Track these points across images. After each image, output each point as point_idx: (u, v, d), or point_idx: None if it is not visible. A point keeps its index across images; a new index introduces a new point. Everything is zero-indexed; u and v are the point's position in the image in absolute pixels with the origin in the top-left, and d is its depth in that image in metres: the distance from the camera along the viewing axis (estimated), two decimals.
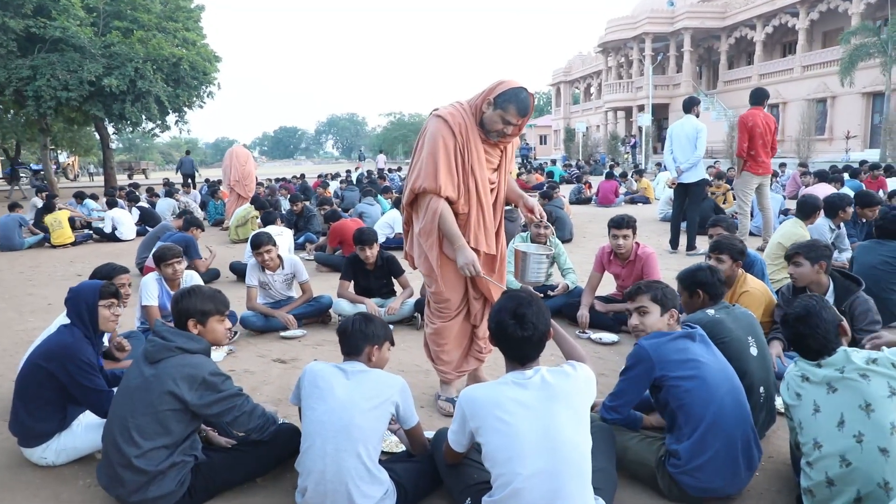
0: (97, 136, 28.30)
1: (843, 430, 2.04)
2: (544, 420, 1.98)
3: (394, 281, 5.39)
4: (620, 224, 4.76)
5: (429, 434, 2.93)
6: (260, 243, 5.04)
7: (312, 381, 2.43)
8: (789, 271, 3.61)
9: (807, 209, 5.36)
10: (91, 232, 11.46)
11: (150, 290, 4.53)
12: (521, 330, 2.10)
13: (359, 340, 2.49)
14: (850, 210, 5.75)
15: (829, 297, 3.54)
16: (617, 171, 19.07)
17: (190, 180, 22.71)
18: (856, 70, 21.81)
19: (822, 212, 5.57)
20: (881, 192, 10.38)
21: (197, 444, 2.59)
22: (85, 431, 2.92)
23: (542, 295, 5.17)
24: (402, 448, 2.87)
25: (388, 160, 41.84)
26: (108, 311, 3.05)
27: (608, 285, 5.37)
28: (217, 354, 4.45)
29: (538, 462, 1.95)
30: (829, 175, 10.25)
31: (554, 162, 26.95)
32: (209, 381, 2.44)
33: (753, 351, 2.80)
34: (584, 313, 4.85)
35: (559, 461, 1.96)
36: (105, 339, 3.79)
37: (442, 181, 3.03)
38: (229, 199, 12.26)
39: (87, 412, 2.97)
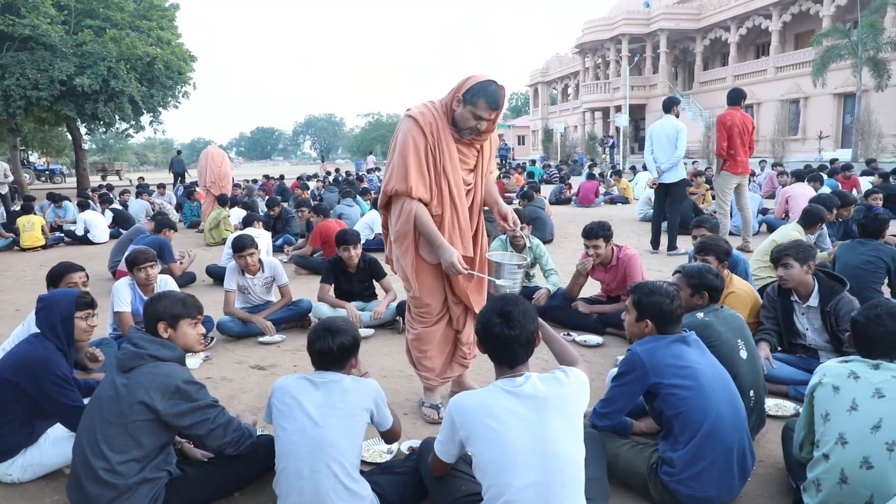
0: (69, 137, 27.68)
1: (876, 434, 2.02)
2: (536, 430, 1.92)
3: (375, 284, 5.29)
4: (590, 235, 4.68)
5: (414, 443, 2.86)
6: (243, 246, 4.91)
7: (281, 399, 2.33)
8: (779, 273, 3.57)
9: (810, 219, 5.29)
10: (63, 235, 11.16)
11: (122, 296, 4.38)
12: (507, 328, 2.03)
13: (343, 357, 2.39)
14: (835, 212, 5.84)
15: (814, 298, 3.53)
16: (595, 172, 19.16)
17: (180, 179, 22.77)
18: (827, 71, 22.18)
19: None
20: (854, 192, 10.56)
21: (171, 458, 2.48)
22: (52, 446, 2.78)
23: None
24: (386, 458, 2.79)
25: (364, 162, 41.72)
26: (85, 322, 2.93)
27: (593, 287, 5.32)
28: (193, 361, 4.32)
29: (530, 473, 1.89)
30: (806, 174, 10.36)
31: (533, 162, 27.01)
32: (183, 390, 2.32)
33: (743, 354, 2.76)
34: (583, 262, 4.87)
35: (552, 472, 1.90)
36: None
37: (413, 182, 2.95)
38: (205, 200, 12.03)
39: (55, 426, 2.83)
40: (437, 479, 2.32)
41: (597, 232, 4.66)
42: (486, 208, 3.34)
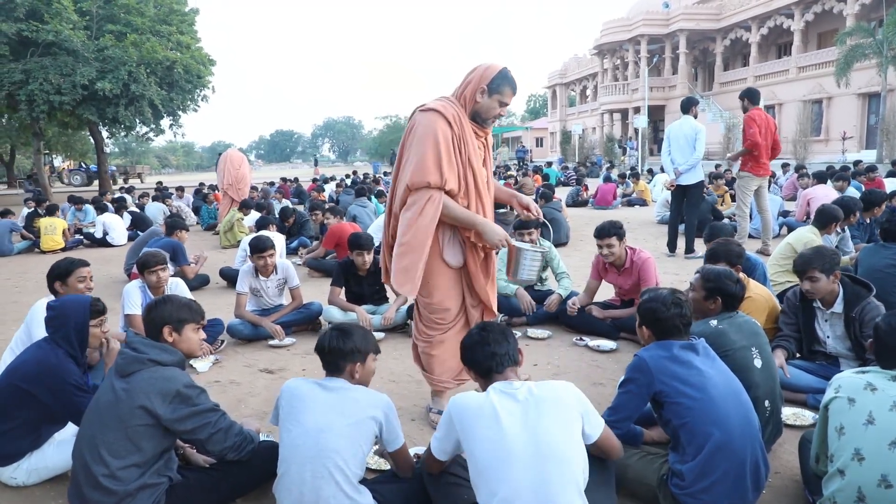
0: (92, 141, 28.09)
1: (894, 450, 1.93)
2: (532, 430, 1.96)
3: (386, 287, 5.25)
4: (602, 233, 4.58)
5: (419, 450, 2.80)
6: (264, 247, 4.91)
7: (289, 401, 2.32)
8: (805, 287, 3.39)
9: (824, 219, 5.15)
10: (82, 237, 11.30)
11: (132, 299, 4.39)
12: (485, 332, 2.22)
13: (338, 359, 2.36)
14: (858, 215, 5.70)
15: (839, 304, 3.37)
16: (614, 174, 19.00)
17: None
18: (851, 71, 21.80)
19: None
20: None
21: (172, 463, 2.45)
22: (56, 450, 2.78)
23: (536, 303, 5.04)
24: (389, 466, 2.74)
25: (382, 163, 41.58)
26: (99, 329, 2.93)
27: (607, 290, 5.23)
28: (203, 364, 4.31)
29: (526, 473, 1.91)
30: (828, 175, 10.13)
31: (550, 164, 26.84)
32: (184, 394, 2.30)
33: (758, 363, 2.66)
34: (575, 301, 4.82)
35: (548, 471, 1.91)
36: None
37: (446, 173, 2.88)
38: (222, 203, 12.11)
39: (62, 430, 2.83)
40: (439, 488, 2.29)
41: (609, 230, 4.56)
42: (502, 210, 3.30)
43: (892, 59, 20.63)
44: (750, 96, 7.60)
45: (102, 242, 10.93)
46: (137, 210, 12.84)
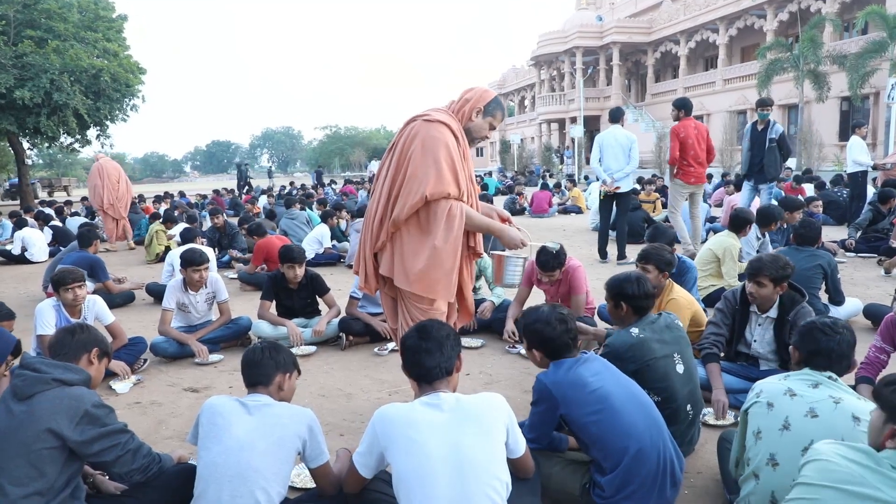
0: (12, 152, 26.64)
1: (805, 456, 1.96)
2: (452, 440, 1.95)
3: (318, 300, 5.15)
4: (546, 268, 4.45)
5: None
6: (201, 261, 4.73)
7: (209, 419, 2.22)
8: (749, 289, 3.40)
9: (739, 223, 5.37)
10: None
11: (46, 318, 4.13)
12: (420, 340, 2.14)
13: (270, 370, 2.32)
14: (779, 221, 6.00)
15: (774, 310, 3.43)
16: (551, 182, 19.37)
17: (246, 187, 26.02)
18: (772, 83, 22.94)
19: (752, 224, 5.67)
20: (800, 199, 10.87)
21: (79, 493, 2.30)
22: None
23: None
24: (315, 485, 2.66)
25: (325, 173, 41.21)
26: (3, 366, 2.87)
27: (538, 297, 5.28)
28: (123, 386, 4.10)
29: (448, 484, 1.91)
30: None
31: (490, 174, 27.15)
32: (92, 414, 2.17)
33: (679, 368, 2.70)
34: (511, 328, 4.71)
35: (469, 484, 1.91)
36: None
37: (462, 185, 2.94)
38: (106, 225, 11.21)
39: None
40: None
41: (553, 265, 4.42)
42: None
43: (807, 73, 21.85)
44: (683, 107, 7.75)
45: (21, 259, 10.34)
46: (59, 224, 12.20)
